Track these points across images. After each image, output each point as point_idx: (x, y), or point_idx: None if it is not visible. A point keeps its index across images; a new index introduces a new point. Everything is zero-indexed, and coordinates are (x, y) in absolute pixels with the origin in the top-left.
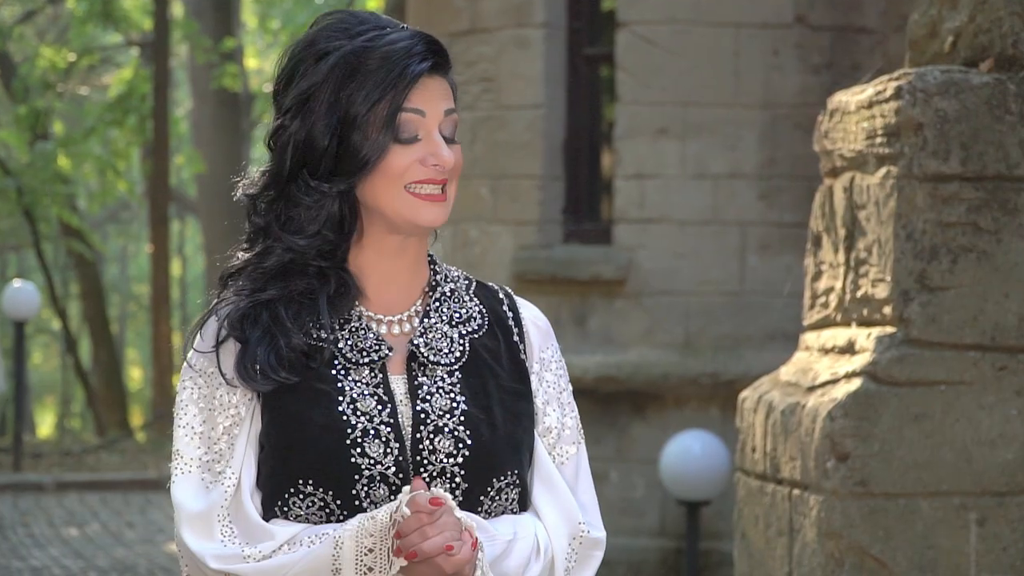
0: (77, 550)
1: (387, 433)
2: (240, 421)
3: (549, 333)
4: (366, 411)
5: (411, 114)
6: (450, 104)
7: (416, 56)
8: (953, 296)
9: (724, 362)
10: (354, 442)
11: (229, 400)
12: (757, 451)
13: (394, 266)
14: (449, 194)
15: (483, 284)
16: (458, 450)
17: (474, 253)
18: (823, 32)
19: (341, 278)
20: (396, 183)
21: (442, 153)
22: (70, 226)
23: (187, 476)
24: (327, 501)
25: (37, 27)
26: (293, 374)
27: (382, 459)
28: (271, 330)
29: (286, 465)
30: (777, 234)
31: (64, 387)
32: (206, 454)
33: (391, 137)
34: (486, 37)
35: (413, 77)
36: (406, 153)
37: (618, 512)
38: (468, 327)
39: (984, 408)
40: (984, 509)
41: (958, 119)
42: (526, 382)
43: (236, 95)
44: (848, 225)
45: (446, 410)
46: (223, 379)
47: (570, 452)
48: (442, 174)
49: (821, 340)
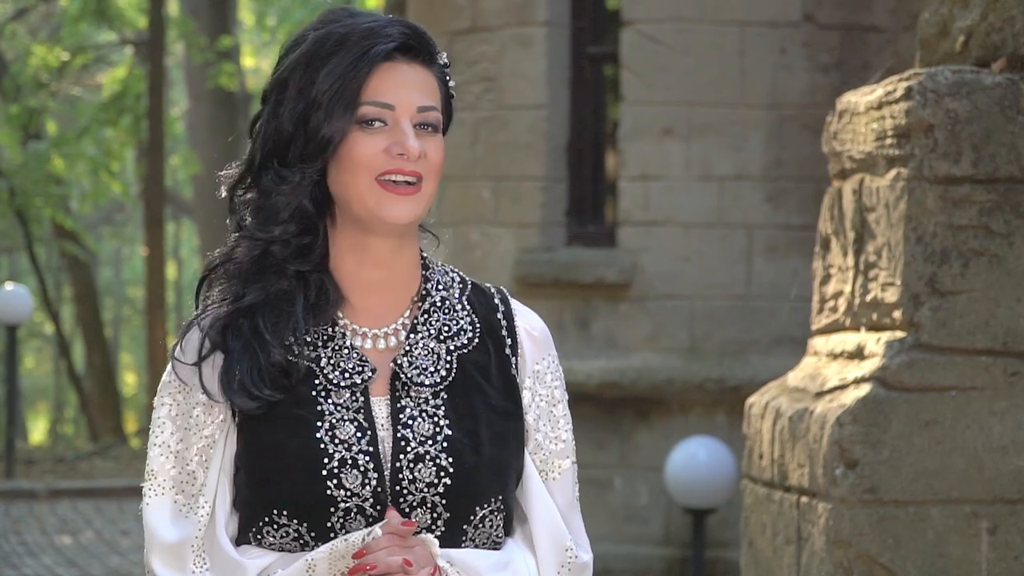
0: (71, 559)
1: (365, 463)
2: (214, 444)
3: (546, 343)
4: (345, 439)
5: (375, 106)
6: (427, 99)
7: (383, 38)
8: (964, 300)
9: (730, 367)
10: (331, 473)
11: (204, 421)
12: (764, 458)
13: (377, 274)
14: (424, 190)
15: (479, 287)
16: (439, 479)
17: (475, 256)
18: (832, 31)
19: (321, 282)
20: (363, 173)
21: (407, 142)
22: (63, 228)
23: (161, 499)
24: (301, 532)
25: (29, 25)
26: (276, 391)
27: (359, 490)
28: (251, 344)
29: (260, 495)
30: (784, 237)
31: (57, 392)
32: (180, 474)
33: (351, 120)
34: (487, 36)
35: (375, 56)
36: (371, 141)
37: (622, 520)
38: (457, 341)
39: (996, 414)
40: (996, 517)
41: (970, 120)
42: (516, 399)
43: (233, 94)
44: (857, 228)
45: (428, 436)
46: (203, 395)
47: (563, 466)
48: (410, 164)
49: (830, 345)
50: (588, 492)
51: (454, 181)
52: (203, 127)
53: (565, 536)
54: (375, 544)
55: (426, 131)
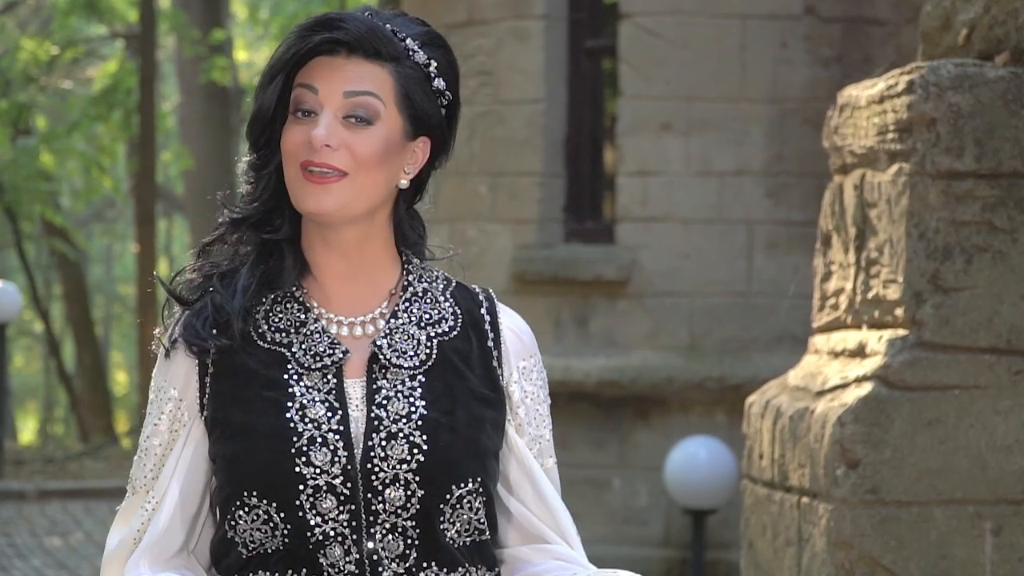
0: (60, 560)
1: (335, 440)
2: (176, 441)
3: (532, 344)
4: (314, 418)
5: (302, 87)
6: (364, 86)
7: (324, 28)
8: (967, 297)
9: (730, 365)
10: (299, 451)
11: (174, 416)
12: (765, 458)
13: (348, 264)
14: (354, 183)
15: (463, 286)
16: (412, 455)
17: (472, 253)
18: (833, 23)
19: (281, 250)
20: (291, 161)
21: (314, 132)
22: (53, 225)
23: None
24: (271, 514)
25: (18, 18)
26: (223, 336)
27: (328, 468)
28: (205, 298)
29: (230, 477)
30: (785, 233)
31: (47, 391)
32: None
33: (275, 98)
34: (484, 29)
35: (309, 47)
36: (298, 130)
37: (621, 521)
38: (438, 328)
39: (999, 413)
40: (1000, 518)
41: (972, 114)
42: (496, 389)
43: (225, 89)
44: (859, 224)
45: (403, 414)
46: (174, 391)
47: (547, 465)
48: (321, 155)
49: (831, 343)
50: (586, 493)
51: (450, 177)
52: (195, 122)
53: (560, 523)
54: None
55: (356, 123)
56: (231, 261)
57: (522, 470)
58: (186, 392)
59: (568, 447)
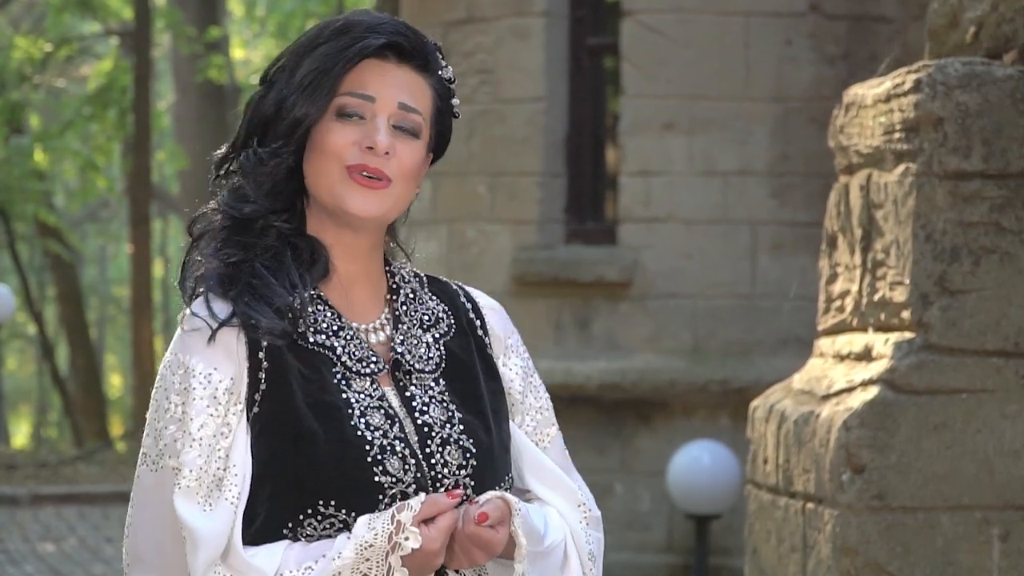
0: (53, 566)
1: (402, 449)
2: (229, 434)
3: (507, 318)
4: (378, 426)
5: (356, 97)
6: (412, 101)
7: (376, 35)
8: (975, 299)
9: (734, 369)
10: (375, 460)
11: (217, 410)
12: (769, 463)
13: (355, 269)
14: (394, 191)
15: (434, 278)
16: (466, 460)
17: (471, 254)
18: (838, 21)
19: (307, 241)
20: (334, 162)
21: (377, 137)
22: (47, 225)
23: (188, 492)
24: (348, 523)
25: (11, 16)
26: (294, 328)
27: (402, 476)
28: (258, 291)
29: (302, 486)
30: (790, 234)
31: (40, 395)
32: (206, 464)
33: (324, 106)
34: (484, 27)
35: (363, 49)
36: (344, 131)
37: (623, 526)
38: (439, 330)
39: (1007, 417)
40: (1008, 523)
41: (980, 113)
42: (497, 377)
43: (221, 87)
44: (865, 225)
45: (445, 420)
46: (224, 379)
47: (551, 434)
48: (376, 161)
49: (836, 346)
50: None
51: (450, 177)
52: (190, 121)
53: (575, 492)
54: (444, 505)
55: (403, 133)
56: (245, 252)
57: (522, 453)
58: (237, 384)
59: (569, 451)
